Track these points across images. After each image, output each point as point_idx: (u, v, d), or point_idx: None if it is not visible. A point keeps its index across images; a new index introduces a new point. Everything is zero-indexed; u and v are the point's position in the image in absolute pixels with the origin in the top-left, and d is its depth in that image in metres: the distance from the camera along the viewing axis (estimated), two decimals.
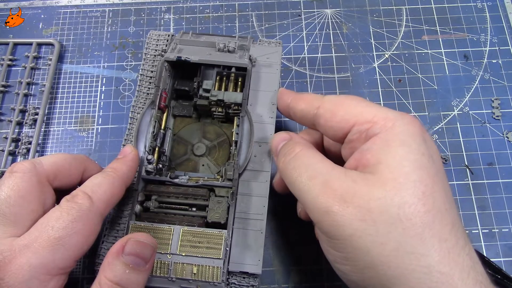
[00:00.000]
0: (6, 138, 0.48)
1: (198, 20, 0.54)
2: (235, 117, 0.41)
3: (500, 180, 0.46)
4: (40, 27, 0.53)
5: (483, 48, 0.52)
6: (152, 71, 0.44)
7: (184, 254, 0.35)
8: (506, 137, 0.47)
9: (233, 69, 0.41)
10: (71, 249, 0.30)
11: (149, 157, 0.39)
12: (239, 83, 0.42)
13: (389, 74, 0.51)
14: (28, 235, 0.29)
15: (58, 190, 0.34)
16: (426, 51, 0.52)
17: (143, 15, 0.54)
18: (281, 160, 0.33)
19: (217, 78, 0.42)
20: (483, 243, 0.43)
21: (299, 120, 0.37)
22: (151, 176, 0.39)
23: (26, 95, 0.50)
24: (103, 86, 0.50)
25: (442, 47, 0.52)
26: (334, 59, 0.51)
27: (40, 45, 0.52)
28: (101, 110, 0.49)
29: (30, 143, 0.47)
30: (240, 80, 0.42)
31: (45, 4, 0.55)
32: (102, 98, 0.50)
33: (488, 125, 0.48)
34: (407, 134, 0.29)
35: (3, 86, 0.50)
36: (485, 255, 0.42)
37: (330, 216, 0.27)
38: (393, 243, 0.26)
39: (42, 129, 0.48)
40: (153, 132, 0.40)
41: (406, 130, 0.29)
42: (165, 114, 0.43)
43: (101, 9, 0.54)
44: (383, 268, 0.26)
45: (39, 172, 0.32)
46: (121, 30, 0.53)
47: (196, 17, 0.54)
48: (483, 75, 0.50)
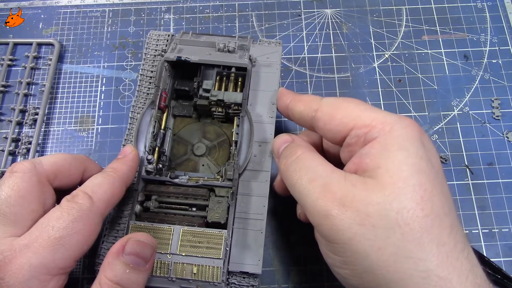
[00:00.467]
0: (6, 138, 0.48)
1: (198, 20, 0.54)
2: (235, 117, 0.41)
3: (500, 180, 0.46)
4: (40, 27, 0.53)
5: (483, 48, 0.52)
6: (152, 71, 0.44)
7: (184, 254, 0.35)
8: (506, 137, 0.47)
9: (233, 69, 0.41)
10: (72, 249, 0.30)
11: (149, 157, 0.39)
12: (239, 83, 0.42)
13: (389, 74, 0.51)
14: (29, 235, 0.29)
15: (58, 190, 0.34)
16: (426, 51, 0.52)
17: (143, 15, 0.54)
18: (283, 162, 0.33)
19: (217, 78, 0.42)
20: (483, 243, 0.43)
21: (298, 122, 0.37)
22: (151, 176, 0.39)
23: (26, 95, 0.50)
24: (103, 86, 0.50)
25: (442, 47, 0.52)
26: (334, 59, 0.51)
27: (40, 45, 0.52)
28: (101, 110, 0.49)
29: (30, 143, 0.47)
30: (240, 80, 0.42)
31: (45, 4, 0.55)
32: (102, 98, 0.50)
33: (488, 125, 0.48)
34: (406, 138, 0.28)
35: (3, 86, 0.50)
36: (485, 255, 0.42)
37: (329, 220, 0.27)
38: (392, 248, 0.26)
39: (42, 129, 0.48)
40: (153, 132, 0.40)
41: (405, 134, 0.29)
42: (165, 114, 0.43)
43: (101, 9, 0.54)
44: (382, 273, 0.26)
45: (39, 172, 0.32)
46: (121, 30, 0.53)
47: (196, 17, 0.54)
48: (483, 75, 0.50)
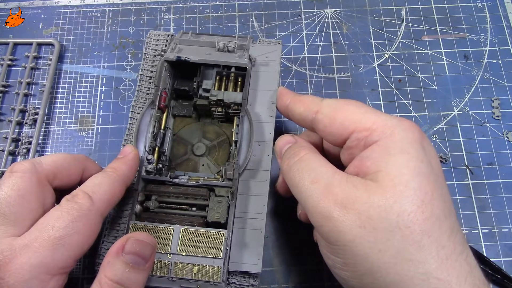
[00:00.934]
0: (6, 138, 0.48)
1: (198, 20, 0.54)
2: (235, 117, 0.41)
3: (500, 180, 0.46)
4: (40, 27, 0.53)
5: (483, 48, 0.52)
6: (152, 71, 0.44)
7: (184, 254, 0.35)
8: (506, 137, 0.47)
9: (233, 69, 0.41)
10: (71, 249, 0.30)
11: (149, 157, 0.39)
12: (239, 83, 0.42)
13: (389, 74, 0.51)
14: (29, 235, 0.29)
15: (58, 190, 0.34)
16: (426, 51, 0.52)
17: (143, 15, 0.54)
18: (285, 163, 0.33)
19: (217, 78, 0.42)
20: (483, 243, 0.43)
21: (298, 123, 0.37)
22: (151, 176, 0.39)
23: (26, 95, 0.50)
24: (103, 86, 0.50)
25: (442, 47, 0.52)
26: (334, 59, 0.51)
27: (40, 45, 0.52)
28: (101, 110, 0.49)
29: (30, 143, 0.47)
30: (240, 80, 0.42)
31: (45, 4, 0.55)
32: (102, 98, 0.50)
33: (488, 125, 0.48)
34: (406, 141, 0.29)
35: (3, 86, 0.50)
36: (485, 255, 0.42)
37: (331, 222, 0.27)
38: (392, 250, 0.26)
39: (42, 129, 0.48)
40: (153, 132, 0.40)
41: (405, 137, 0.29)
42: (165, 114, 0.43)
43: (101, 9, 0.54)
44: (382, 275, 0.26)
45: (39, 172, 0.32)
46: (121, 30, 0.53)
47: (196, 17, 0.54)
48: (483, 75, 0.50)
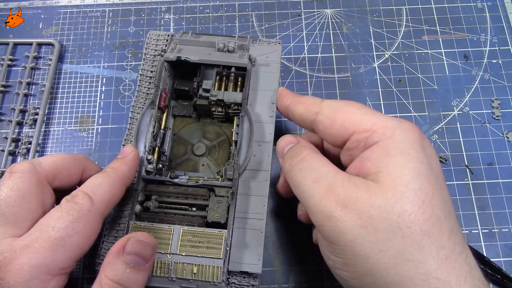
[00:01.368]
0: (6, 138, 0.48)
1: (198, 20, 0.54)
2: (235, 117, 0.41)
3: (500, 180, 0.46)
4: (40, 27, 0.53)
5: (483, 48, 0.52)
6: (152, 71, 0.44)
7: (184, 254, 0.35)
8: (506, 137, 0.47)
9: (233, 69, 0.41)
10: (72, 249, 0.30)
11: (149, 157, 0.39)
12: (239, 83, 0.42)
13: (389, 74, 0.51)
14: (29, 235, 0.29)
15: (58, 190, 0.34)
16: (426, 51, 0.52)
17: (143, 15, 0.54)
18: (287, 162, 0.34)
19: (217, 78, 0.42)
20: (483, 243, 0.43)
21: (298, 123, 0.38)
22: (151, 176, 0.39)
23: (26, 95, 0.50)
24: (103, 86, 0.50)
25: (442, 47, 0.52)
26: (334, 59, 0.51)
27: (40, 45, 0.52)
28: (101, 110, 0.49)
29: (30, 143, 0.47)
30: (240, 80, 0.42)
31: (45, 4, 0.55)
32: (102, 98, 0.50)
33: (488, 125, 0.48)
34: (406, 142, 0.29)
35: (3, 86, 0.50)
36: (485, 255, 0.42)
37: (332, 221, 0.28)
38: (393, 251, 0.26)
39: (42, 129, 0.48)
40: (153, 132, 0.40)
41: (405, 138, 0.29)
42: (165, 114, 0.43)
43: (101, 9, 0.54)
44: (382, 275, 0.26)
45: (39, 172, 0.32)
46: (121, 30, 0.53)
47: (196, 17, 0.54)
48: (483, 75, 0.50)
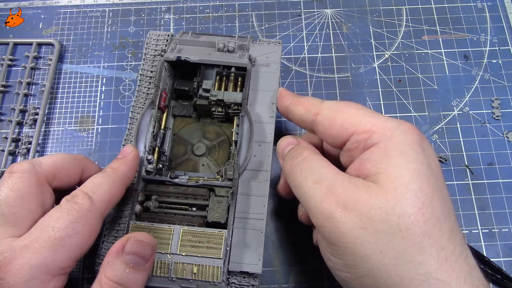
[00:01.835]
0: (6, 138, 0.48)
1: (198, 20, 0.54)
2: (235, 117, 0.41)
3: (500, 180, 0.46)
4: (40, 27, 0.53)
5: (483, 48, 0.52)
6: (152, 71, 0.44)
7: (184, 254, 0.35)
8: (506, 137, 0.47)
9: (233, 69, 0.41)
10: (72, 249, 0.30)
11: (149, 157, 0.39)
12: (239, 83, 0.42)
13: (389, 74, 0.51)
14: (29, 236, 0.29)
15: (57, 190, 0.34)
16: (426, 51, 0.52)
17: (143, 15, 0.54)
18: (288, 163, 0.34)
19: (217, 78, 0.42)
20: (483, 243, 0.43)
21: (298, 124, 0.38)
22: (151, 176, 0.39)
23: (26, 95, 0.50)
24: (103, 86, 0.50)
25: (442, 47, 0.52)
26: (334, 59, 0.51)
27: (40, 45, 0.52)
28: (101, 110, 0.49)
29: (30, 143, 0.47)
30: (240, 80, 0.42)
31: (45, 4, 0.55)
32: (102, 98, 0.50)
33: (488, 125, 0.48)
34: (406, 144, 0.29)
35: (3, 86, 0.50)
36: (485, 255, 0.42)
37: (332, 223, 0.28)
38: (393, 252, 0.26)
39: (42, 129, 0.48)
40: (153, 132, 0.40)
41: (405, 140, 0.29)
42: (165, 114, 0.43)
43: (101, 9, 0.54)
44: (382, 276, 0.26)
45: (38, 172, 0.32)
46: (121, 30, 0.53)
47: (196, 17, 0.54)
48: (483, 75, 0.50)
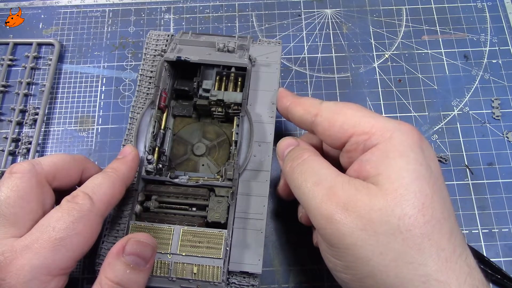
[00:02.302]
0: (6, 138, 0.48)
1: (198, 20, 0.54)
2: (235, 117, 0.41)
3: (500, 180, 0.46)
4: (40, 27, 0.53)
5: (483, 48, 0.52)
6: (152, 71, 0.44)
7: (184, 254, 0.35)
8: (506, 137, 0.47)
9: (233, 69, 0.41)
10: (72, 250, 0.30)
11: (149, 157, 0.39)
12: (239, 83, 0.42)
13: (389, 74, 0.51)
14: (29, 236, 0.29)
15: (57, 191, 0.34)
16: (426, 51, 0.52)
17: (143, 15, 0.54)
18: (288, 165, 0.33)
19: (217, 78, 0.42)
20: (483, 243, 0.43)
21: (298, 125, 0.38)
22: (151, 176, 0.39)
23: (26, 95, 0.50)
24: (103, 86, 0.50)
25: (442, 47, 0.52)
26: (334, 59, 0.51)
27: (40, 45, 0.52)
28: (101, 110, 0.49)
29: (30, 143, 0.47)
30: (240, 80, 0.42)
31: (45, 4, 0.55)
32: (102, 98, 0.50)
33: (488, 125, 0.48)
34: (405, 145, 0.29)
35: (3, 86, 0.50)
36: (485, 255, 0.42)
37: (333, 224, 0.28)
38: (393, 253, 0.26)
39: (42, 129, 0.48)
40: (153, 132, 0.40)
41: (404, 141, 0.29)
42: (165, 114, 0.43)
43: (101, 9, 0.54)
44: (382, 278, 0.26)
45: (38, 173, 0.32)
46: (121, 30, 0.53)
47: (196, 17, 0.54)
48: (483, 75, 0.50)
